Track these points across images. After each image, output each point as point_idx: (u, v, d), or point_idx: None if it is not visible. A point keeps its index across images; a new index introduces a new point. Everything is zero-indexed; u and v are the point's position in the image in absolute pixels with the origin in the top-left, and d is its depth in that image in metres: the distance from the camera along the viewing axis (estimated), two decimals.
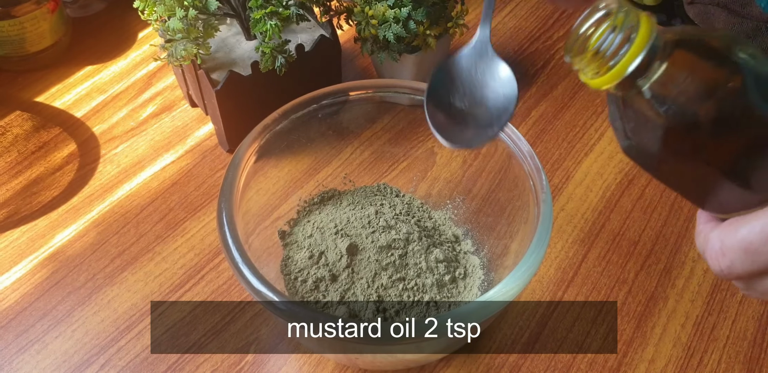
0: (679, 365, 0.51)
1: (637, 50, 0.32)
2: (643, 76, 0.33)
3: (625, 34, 0.32)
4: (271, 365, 0.51)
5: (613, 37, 0.32)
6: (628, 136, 0.35)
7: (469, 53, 0.41)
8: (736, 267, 0.33)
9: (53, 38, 0.68)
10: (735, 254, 0.33)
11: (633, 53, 0.32)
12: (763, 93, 0.32)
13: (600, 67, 0.33)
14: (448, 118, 0.41)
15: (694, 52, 0.32)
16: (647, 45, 0.32)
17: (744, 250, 0.33)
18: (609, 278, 0.56)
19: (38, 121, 0.66)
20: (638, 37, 0.32)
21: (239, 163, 0.46)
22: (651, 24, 0.32)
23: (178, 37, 0.53)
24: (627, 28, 0.32)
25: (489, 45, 0.41)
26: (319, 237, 0.51)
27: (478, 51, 0.41)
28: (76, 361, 0.51)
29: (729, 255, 0.33)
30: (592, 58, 0.33)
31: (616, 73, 0.32)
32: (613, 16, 0.33)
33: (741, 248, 0.33)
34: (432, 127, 0.40)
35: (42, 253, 0.57)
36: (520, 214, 0.49)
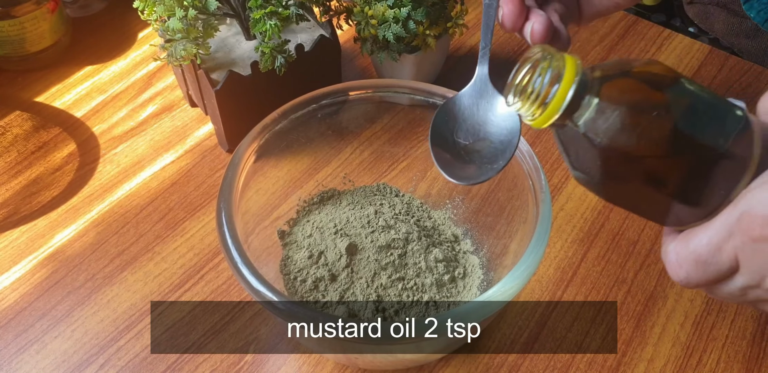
0: (678, 364, 0.51)
1: (565, 90, 0.35)
2: (576, 112, 0.35)
3: (552, 76, 0.35)
4: (271, 364, 0.51)
5: (541, 81, 0.35)
6: (575, 168, 0.37)
7: (469, 91, 0.43)
8: (692, 278, 0.36)
9: (53, 38, 0.68)
10: (689, 266, 0.35)
11: (562, 93, 0.35)
12: (689, 117, 0.34)
13: (537, 109, 0.36)
14: (453, 156, 0.42)
15: (620, 86, 0.35)
16: (574, 84, 0.35)
17: (695, 261, 0.35)
18: (608, 278, 0.56)
19: (38, 121, 0.66)
20: (564, 78, 0.35)
21: (238, 163, 0.46)
22: (576, 64, 0.35)
23: (177, 37, 0.53)
24: (554, 71, 0.35)
25: (488, 82, 0.42)
26: (319, 237, 0.51)
27: (478, 89, 0.43)
28: (75, 361, 0.51)
29: (684, 267, 0.36)
30: (529, 102, 0.36)
31: (550, 112, 0.35)
32: (540, 62, 0.36)
33: (692, 260, 0.35)
34: (438, 166, 0.42)
35: (41, 253, 0.57)
36: (519, 213, 0.49)
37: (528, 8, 0.46)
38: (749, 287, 0.35)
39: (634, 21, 0.76)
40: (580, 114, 0.35)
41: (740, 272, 0.34)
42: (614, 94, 0.35)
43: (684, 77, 0.35)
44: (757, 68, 0.72)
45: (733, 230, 0.33)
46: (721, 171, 0.34)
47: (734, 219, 0.33)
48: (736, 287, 0.35)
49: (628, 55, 0.73)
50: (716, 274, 0.35)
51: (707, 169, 0.34)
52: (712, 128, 0.34)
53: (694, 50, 0.74)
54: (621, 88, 0.35)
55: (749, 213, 0.32)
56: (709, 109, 0.34)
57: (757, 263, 0.33)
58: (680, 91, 0.35)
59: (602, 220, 0.59)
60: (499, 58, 0.73)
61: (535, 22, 0.46)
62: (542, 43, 0.46)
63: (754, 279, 0.34)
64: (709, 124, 0.34)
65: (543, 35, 0.46)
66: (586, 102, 0.35)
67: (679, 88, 0.35)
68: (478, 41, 0.74)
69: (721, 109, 0.34)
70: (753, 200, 0.32)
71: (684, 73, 0.71)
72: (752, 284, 0.34)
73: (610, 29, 0.76)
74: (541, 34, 0.46)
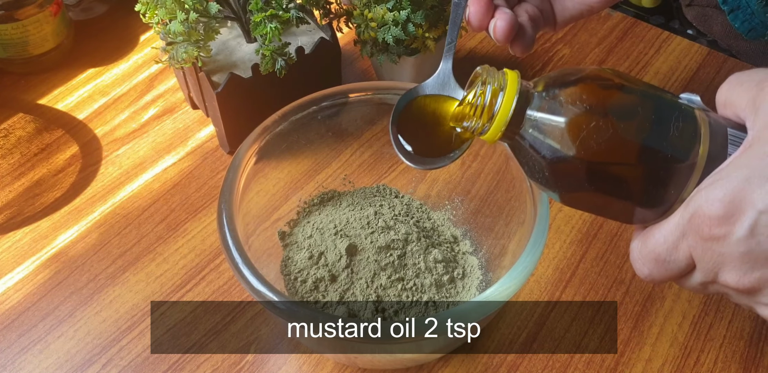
0: (676, 364, 0.52)
1: (507, 103, 0.36)
2: (521, 126, 0.36)
3: (494, 91, 0.37)
4: (271, 364, 0.51)
5: (482, 99, 0.37)
6: (528, 176, 0.38)
7: (432, 83, 0.44)
8: (654, 275, 0.36)
9: (56, 41, 0.69)
10: (650, 263, 0.36)
11: (505, 107, 0.36)
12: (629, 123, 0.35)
13: (484, 124, 0.37)
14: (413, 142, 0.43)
15: (560, 97, 0.36)
16: (515, 98, 0.36)
17: (654, 260, 0.36)
18: (607, 278, 0.56)
19: (41, 124, 0.66)
20: (506, 92, 0.36)
21: (239, 165, 0.47)
22: (516, 79, 0.37)
23: (179, 40, 0.54)
24: (496, 86, 0.37)
25: (451, 77, 0.44)
26: (319, 238, 0.51)
27: (441, 82, 0.44)
28: (77, 361, 0.51)
29: (646, 265, 0.36)
30: (477, 118, 0.37)
31: (496, 126, 0.37)
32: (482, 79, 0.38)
33: (652, 258, 0.36)
34: (397, 150, 0.42)
35: (44, 254, 0.57)
36: (517, 214, 0.49)
37: (495, 7, 0.46)
38: (708, 283, 0.35)
39: (632, 23, 0.77)
40: (525, 127, 0.36)
41: (696, 268, 0.35)
42: (555, 107, 0.35)
43: (628, 82, 0.36)
44: None
45: (686, 229, 0.34)
46: (670, 171, 0.34)
47: (685, 219, 0.34)
48: (696, 282, 0.36)
49: (626, 57, 0.73)
50: (676, 271, 0.35)
51: (655, 171, 0.34)
52: (654, 131, 0.34)
53: (692, 52, 0.74)
54: (561, 98, 0.36)
55: (698, 213, 0.33)
56: (651, 113, 0.35)
57: (708, 261, 0.34)
58: (621, 97, 0.36)
59: (601, 221, 0.60)
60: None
61: (498, 20, 0.46)
62: (506, 40, 0.47)
63: (708, 276, 0.34)
64: (652, 127, 0.34)
65: (505, 32, 0.46)
66: (529, 116, 0.36)
67: (620, 94, 0.36)
68: (477, 43, 0.74)
69: (665, 111, 0.35)
70: (701, 200, 0.33)
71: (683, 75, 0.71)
72: (708, 280, 0.35)
73: (609, 31, 0.76)
74: (504, 31, 0.46)
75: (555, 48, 0.74)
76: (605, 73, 0.37)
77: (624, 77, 0.37)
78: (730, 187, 0.32)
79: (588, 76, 0.36)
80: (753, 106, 0.34)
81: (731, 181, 0.32)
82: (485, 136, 0.38)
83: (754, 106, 0.34)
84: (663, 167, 0.34)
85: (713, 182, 0.33)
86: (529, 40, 0.48)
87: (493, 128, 0.37)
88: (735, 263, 0.33)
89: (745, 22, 0.71)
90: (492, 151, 0.52)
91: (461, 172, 0.56)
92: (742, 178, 0.32)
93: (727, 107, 0.36)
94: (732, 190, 0.32)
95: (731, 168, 0.33)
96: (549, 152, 0.35)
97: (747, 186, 0.31)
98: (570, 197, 0.37)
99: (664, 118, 0.35)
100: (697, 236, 0.33)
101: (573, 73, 0.37)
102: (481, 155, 0.54)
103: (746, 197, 0.31)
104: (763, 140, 0.33)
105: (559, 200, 0.38)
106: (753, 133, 0.34)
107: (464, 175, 0.56)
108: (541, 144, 0.36)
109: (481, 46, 0.74)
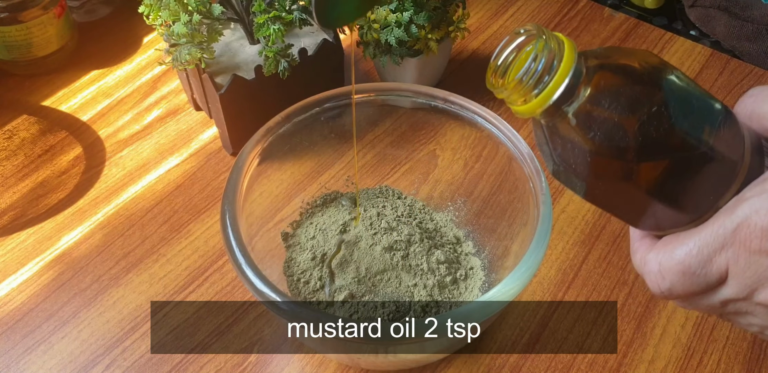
0: (679, 365, 0.52)
1: (561, 78, 0.31)
2: (568, 102, 0.32)
3: (547, 61, 0.31)
4: (274, 365, 0.51)
5: (535, 65, 0.31)
6: (556, 162, 0.34)
7: None
8: (676, 289, 0.34)
9: (60, 43, 0.69)
10: (674, 276, 0.33)
11: (557, 81, 0.31)
12: (685, 113, 0.31)
13: (524, 96, 0.32)
14: None
15: (617, 76, 0.32)
16: (570, 72, 0.31)
17: (682, 273, 0.33)
18: (609, 280, 0.56)
19: (45, 125, 0.67)
20: (562, 65, 0.31)
21: (242, 166, 0.47)
22: (573, 50, 0.32)
23: (182, 42, 0.54)
24: (549, 55, 0.31)
25: None
26: (322, 239, 0.51)
27: None
28: (81, 361, 0.51)
29: (668, 278, 0.33)
30: (515, 86, 0.32)
31: (540, 101, 0.32)
32: (534, 42, 0.32)
33: (679, 271, 0.33)
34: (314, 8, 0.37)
35: (48, 255, 0.57)
36: (520, 216, 0.49)
37: None
38: (734, 300, 0.33)
39: (635, 24, 0.77)
40: (571, 105, 0.32)
41: (728, 284, 0.33)
42: (610, 86, 0.32)
43: (681, 73, 0.33)
44: (758, 71, 0.72)
45: (728, 240, 0.31)
46: (712, 175, 0.32)
47: (729, 230, 0.31)
48: (718, 300, 0.33)
49: None
50: (703, 286, 0.33)
51: (699, 171, 0.32)
52: (709, 129, 0.32)
53: (695, 53, 0.74)
54: (617, 79, 0.32)
55: (747, 224, 0.31)
56: (706, 110, 0.32)
57: (750, 277, 0.32)
58: (677, 87, 0.32)
59: (603, 222, 0.60)
60: None
61: None
62: None
63: (742, 292, 0.32)
64: (705, 123, 0.32)
65: None
66: (581, 92, 0.32)
67: (676, 84, 0.32)
68: (480, 44, 0.74)
69: (717, 110, 0.33)
70: (750, 210, 0.31)
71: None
72: (739, 297, 0.33)
73: (612, 32, 0.76)
74: None
75: None
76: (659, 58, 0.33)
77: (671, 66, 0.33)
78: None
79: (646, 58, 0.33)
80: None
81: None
82: (521, 109, 0.33)
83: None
84: (709, 168, 0.32)
85: (762, 192, 0.31)
86: None
87: (534, 103, 0.32)
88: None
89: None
90: (494, 153, 0.52)
91: (464, 174, 0.56)
92: None
93: (753, 119, 0.35)
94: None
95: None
96: (598, 134, 0.31)
97: None
98: (597, 188, 0.34)
99: (716, 115, 0.32)
100: (742, 248, 0.31)
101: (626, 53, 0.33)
102: (484, 157, 0.54)
103: None
104: None
105: (580, 190, 0.35)
106: None
107: (467, 176, 0.56)
108: (589, 124, 0.32)
109: (484, 47, 0.74)
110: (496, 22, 0.77)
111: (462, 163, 0.56)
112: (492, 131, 0.50)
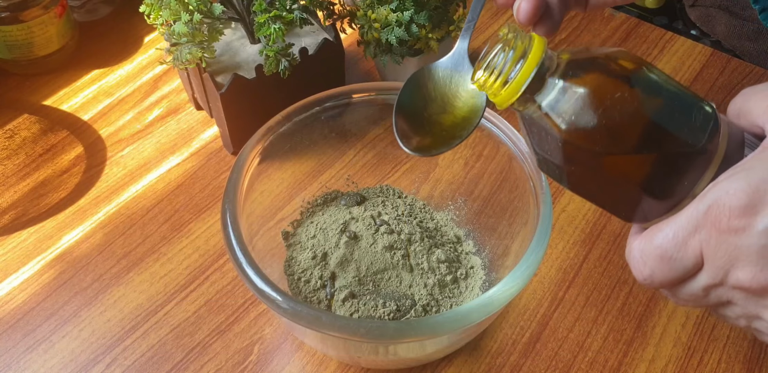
0: (680, 364, 0.52)
1: (529, 67, 0.35)
2: (540, 92, 0.35)
3: (517, 53, 0.35)
4: (275, 364, 0.51)
5: (505, 57, 0.36)
6: (536, 152, 0.37)
7: (446, 63, 0.43)
8: (656, 275, 0.34)
9: (60, 42, 0.69)
10: (653, 262, 0.34)
11: (525, 71, 0.35)
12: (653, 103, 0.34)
13: (500, 86, 0.36)
14: (414, 125, 0.41)
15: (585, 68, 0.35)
16: (538, 62, 0.35)
17: (660, 257, 0.34)
18: (610, 279, 0.56)
19: (46, 125, 0.67)
20: (530, 56, 0.35)
21: (243, 166, 0.47)
22: (542, 44, 0.36)
23: (183, 41, 0.54)
24: (519, 49, 0.35)
25: (466, 57, 0.42)
26: (322, 238, 0.51)
27: (455, 61, 0.43)
28: (82, 360, 0.51)
29: (649, 263, 0.34)
30: (492, 78, 0.36)
31: (512, 89, 0.36)
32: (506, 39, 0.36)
33: (657, 255, 0.34)
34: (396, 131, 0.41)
35: (49, 254, 0.57)
36: (520, 215, 0.49)
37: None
38: (712, 286, 0.34)
39: (636, 24, 0.77)
40: (543, 95, 0.35)
41: (704, 268, 0.33)
42: (580, 77, 0.34)
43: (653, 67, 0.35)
44: (758, 71, 0.72)
45: (700, 223, 0.32)
46: (687, 162, 0.33)
47: (701, 212, 0.32)
48: (699, 287, 0.34)
49: None
50: (681, 271, 0.34)
51: (672, 155, 0.33)
52: (679, 117, 0.34)
53: (696, 53, 0.74)
54: (587, 71, 0.35)
55: (716, 204, 0.31)
56: (676, 99, 0.34)
57: (721, 257, 0.32)
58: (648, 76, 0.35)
59: (604, 221, 0.60)
60: None
61: (523, 0, 0.44)
62: (529, 23, 0.45)
63: (717, 276, 0.33)
64: (676, 113, 0.34)
65: (529, 14, 0.45)
66: (551, 83, 0.35)
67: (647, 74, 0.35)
68: (480, 44, 0.74)
69: (689, 100, 0.34)
70: (720, 191, 0.31)
71: (686, 76, 0.71)
72: (715, 281, 0.33)
73: (612, 32, 0.76)
74: (528, 13, 0.45)
75: (558, 49, 0.74)
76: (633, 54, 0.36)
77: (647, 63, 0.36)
78: (754, 178, 0.31)
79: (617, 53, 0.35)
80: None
81: (756, 173, 0.31)
82: (498, 98, 0.36)
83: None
84: (680, 153, 0.33)
85: (734, 174, 0.32)
86: (554, 22, 0.46)
87: (508, 90, 0.36)
88: (752, 257, 0.31)
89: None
90: (495, 152, 0.52)
91: (464, 173, 0.56)
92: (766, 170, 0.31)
93: (741, 117, 0.36)
94: (756, 181, 0.31)
95: (754, 161, 0.32)
96: (567, 122, 0.34)
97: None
98: (577, 176, 0.36)
99: (687, 105, 0.34)
100: (713, 229, 0.32)
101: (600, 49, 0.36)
102: (485, 156, 0.54)
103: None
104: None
105: (563, 180, 0.36)
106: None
107: (467, 175, 0.56)
108: (558, 113, 0.34)
109: (484, 46, 0.74)
110: (496, 22, 0.77)
111: (462, 162, 0.56)
112: (492, 131, 0.50)
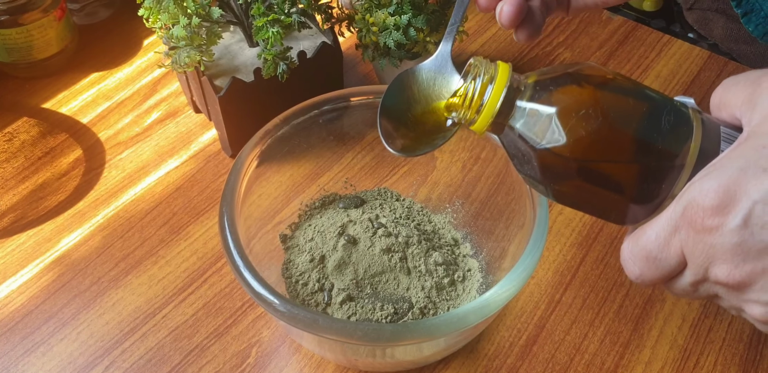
0: (676, 367, 0.52)
1: (497, 93, 0.36)
2: (512, 116, 0.37)
3: (485, 81, 0.37)
4: (273, 367, 0.52)
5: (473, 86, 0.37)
6: (519, 171, 0.38)
7: (429, 65, 0.43)
8: (645, 274, 0.35)
9: (60, 45, 0.69)
10: (641, 262, 0.35)
11: (494, 96, 0.37)
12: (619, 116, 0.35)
13: (473, 114, 0.38)
14: (397, 125, 0.42)
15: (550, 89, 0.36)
16: (505, 87, 0.36)
17: (645, 258, 0.35)
18: (606, 281, 0.56)
19: (45, 127, 0.67)
20: (496, 82, 0.37)
21: (241, 168, 0.47)
22: (507, 70, 0.37)
23: (181, 45, 0.54)
24: (486, 76, 0.37)
25: (449, 60, 0.43)
26: (320, 241, 0.52)
27: (438, 64, 0.43)
28: (80, 363, 0.52)
29: (637, 264, 0.35)
30: (466, 108, 0.38)
31: (485, 115, 0.37)
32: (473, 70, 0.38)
33: (643, 256, 0.35)
34: (380, 132, 0.41)
35: (48, 257, 0.58)
36: (517, 217, 0.49)
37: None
38: (698, 282, 0.34)
39: (633, 27, 0.77)
40: (515, 118, 0.36)
41: (687, 266, 0.34)
42: (545, 98, 0.36)
43: (620, 77, 0.36)
44: None
45: (678, 223, 0.33)
46: (660, 164, 0.34)
47: (678, 213, 0.33)
48: (686, 283, 0.35)
49: (627, 61, 0.74)
50: (668, 269, 0.34)
51: (645, 162, 0.34)
52: (645, 122, 0.34)
53: (693, 56, 0.74)
54: (552, 88, 0.36)
55: (691, 204, 0.32)
56: (642, 105, 0.35)
57: (699, 256, 0.33)
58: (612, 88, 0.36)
59: (601, 224, 0.60)
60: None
61: (506, 3, 0.45)
62: (511, 26, 0.46)
63: (699, 273, 0.33)
64: (643, 118, 0.35)
65: (511, 18, 0.45)
66: (519, 106, 0.36)
67: (612, 86, 0.36)
68: (479, 47, 0.75)
69: (658, 106, 0.35)
70: (694, 192, 0.32)
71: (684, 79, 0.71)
72: (699, 278, 0.34)
73: (610, 35, 0.76)
74: (510, 16, 0.45)
75: (556, 52, 0.75)
76: (597, 67, 0.37)
77: (616, 73, 0.37)
78: (725, 177, 0.31)
79: (580, 69, 0.36)
80: (750, 103, 0.34)
81: (726, 172, 0.31)
82: (474, 126, 0.38)
83: (750, 103, 0.34)
84: (653, 159, 0.34)
85: (707, 173, 0.32)
86: (536, 26, 0.46)
87: (481, 118, 0.37)
88: (727, 255, 0.32)
89: (759, 26, 0.71)
90: (492, 155, 0.52)
91: (462, 176, 0.56)
92: (737, 169, 0.31)
93: (721, 109, 0.36)
94: (727, 180, 0.31)
95: (726, 160, 0.32)
96: (538, 142, 0.35)
97: (742, 176, 0.31)
98: (560, 191, 0.37)
99: (655, 111, 0.35)
100: (690, 229, 0.32)
101: (565, 66, 0.37)
102: (482, 159, 0.54)
103: (741, 186, 0.31)
104: (760, 133, 0.32)
105: (552, 195, 0.38)
106: (749, 128, 0.34)
107: (465, 178, 0.56)
108: (530, 134, 0.36)
109: (482, 49, 0.75)
110: (494, 25, 0.77)
111: (460, 165, 0.56)
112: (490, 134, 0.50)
